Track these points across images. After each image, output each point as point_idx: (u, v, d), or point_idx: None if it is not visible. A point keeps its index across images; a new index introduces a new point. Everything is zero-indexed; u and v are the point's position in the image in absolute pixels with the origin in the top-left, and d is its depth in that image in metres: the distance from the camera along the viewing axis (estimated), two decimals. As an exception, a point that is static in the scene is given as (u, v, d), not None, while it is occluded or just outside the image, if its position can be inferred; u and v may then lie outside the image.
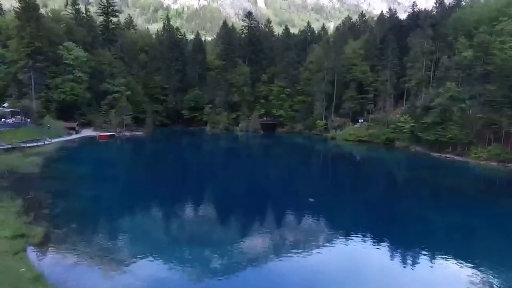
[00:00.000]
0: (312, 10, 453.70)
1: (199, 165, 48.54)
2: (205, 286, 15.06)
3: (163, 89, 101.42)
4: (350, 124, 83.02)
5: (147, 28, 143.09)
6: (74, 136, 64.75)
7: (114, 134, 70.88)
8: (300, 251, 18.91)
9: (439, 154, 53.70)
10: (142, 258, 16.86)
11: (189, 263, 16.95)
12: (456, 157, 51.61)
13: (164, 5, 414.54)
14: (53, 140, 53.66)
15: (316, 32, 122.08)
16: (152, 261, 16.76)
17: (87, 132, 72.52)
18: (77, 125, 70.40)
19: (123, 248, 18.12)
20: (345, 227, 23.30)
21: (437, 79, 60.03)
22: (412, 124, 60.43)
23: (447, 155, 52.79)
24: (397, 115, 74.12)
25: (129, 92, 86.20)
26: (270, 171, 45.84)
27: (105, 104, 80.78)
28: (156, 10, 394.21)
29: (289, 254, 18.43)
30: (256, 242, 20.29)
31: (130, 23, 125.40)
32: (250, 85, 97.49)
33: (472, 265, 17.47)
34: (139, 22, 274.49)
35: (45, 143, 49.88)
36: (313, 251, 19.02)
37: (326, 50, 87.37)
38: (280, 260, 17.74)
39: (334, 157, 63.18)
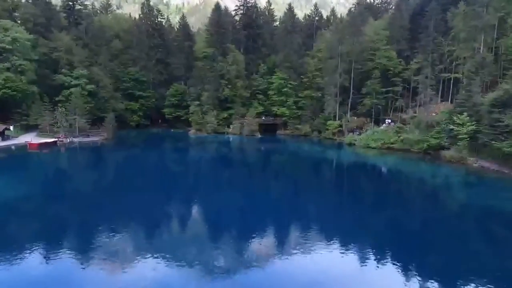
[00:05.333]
0: (316, 5, 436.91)
1: (161, 193, 30.06)
2: None
3: (140, 83, 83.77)
4: (372, 126, 64.45)
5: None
6: (-5, 145, 46.91)
7: (55, 141, 52.78)
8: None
9: (526, 175, 34.84)
10: None
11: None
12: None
13: (164, 0, 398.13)
14: None
15: (325, 17, 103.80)
16: None
17: (27, 138, 54.69)
18: (7, 128, 52.50)
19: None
20: None
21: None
22: (474, 126, 41.42)
23: (542, 177, 33.92)
24: (433, 114, 55.95)
25: (92, 86, 68.52)
26: (267, 206, 27.30)
27: (58, 101, 63.24)
28: (155, 6, 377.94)
29: None
30: None
31: (107, 7, 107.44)
32: (245, 77, 79.11)
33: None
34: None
35: None
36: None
37: (341, 31, 68.68)
38: None
39: (357, 173, 44.24)
